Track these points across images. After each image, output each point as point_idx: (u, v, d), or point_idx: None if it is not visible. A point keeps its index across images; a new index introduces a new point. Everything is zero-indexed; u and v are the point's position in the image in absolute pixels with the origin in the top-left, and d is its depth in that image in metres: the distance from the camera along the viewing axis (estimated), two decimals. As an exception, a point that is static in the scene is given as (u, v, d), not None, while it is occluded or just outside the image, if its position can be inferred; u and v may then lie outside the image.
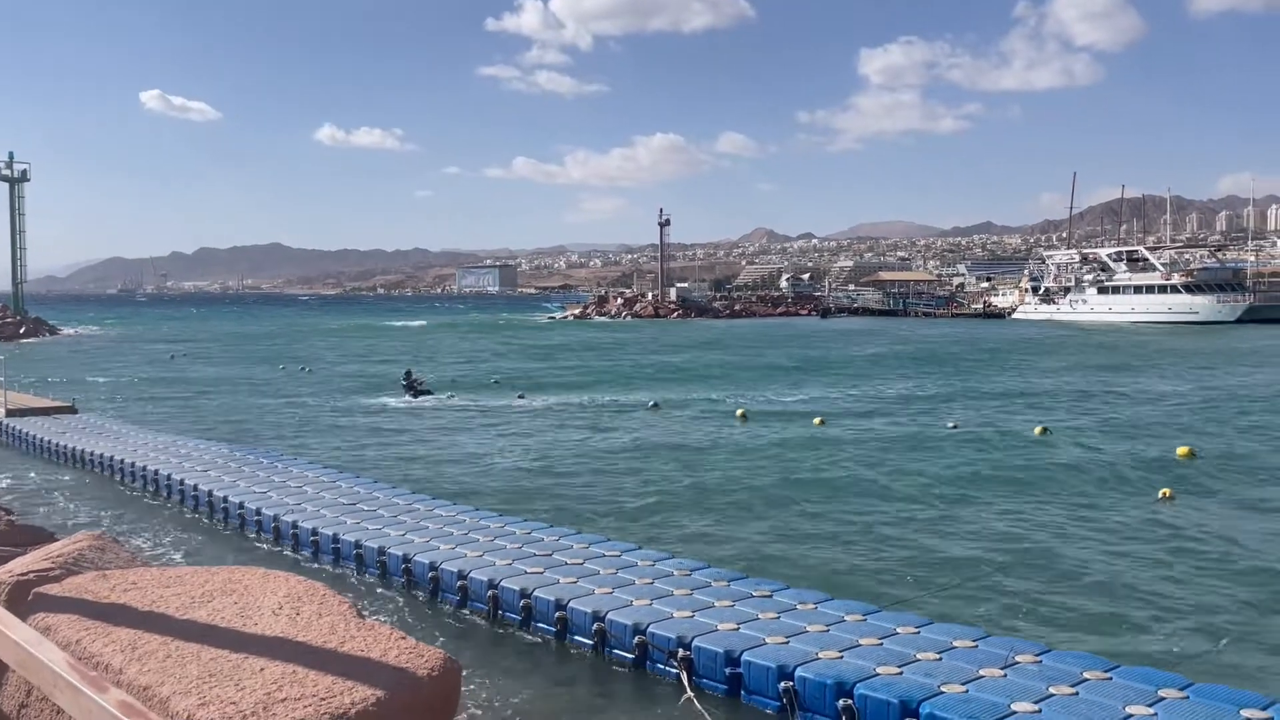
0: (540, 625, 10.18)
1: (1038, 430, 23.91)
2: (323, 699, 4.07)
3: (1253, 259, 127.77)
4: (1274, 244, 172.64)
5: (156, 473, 17.68)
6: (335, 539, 13.03)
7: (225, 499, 15.43)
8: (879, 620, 9.27)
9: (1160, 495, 17.04)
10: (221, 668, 4.38)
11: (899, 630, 8.92)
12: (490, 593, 10.70)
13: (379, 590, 11.89)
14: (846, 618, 9.29)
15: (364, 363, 50.75)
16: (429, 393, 35.02)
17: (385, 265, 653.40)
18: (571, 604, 9.90)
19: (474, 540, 12.42)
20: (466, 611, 10.97)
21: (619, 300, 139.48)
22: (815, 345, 64.93)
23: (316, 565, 12.74)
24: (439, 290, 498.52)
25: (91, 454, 20.08)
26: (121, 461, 18.91)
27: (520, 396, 33.89)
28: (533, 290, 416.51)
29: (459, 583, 11.14)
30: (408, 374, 36.39)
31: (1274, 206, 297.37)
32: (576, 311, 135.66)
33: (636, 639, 9.13)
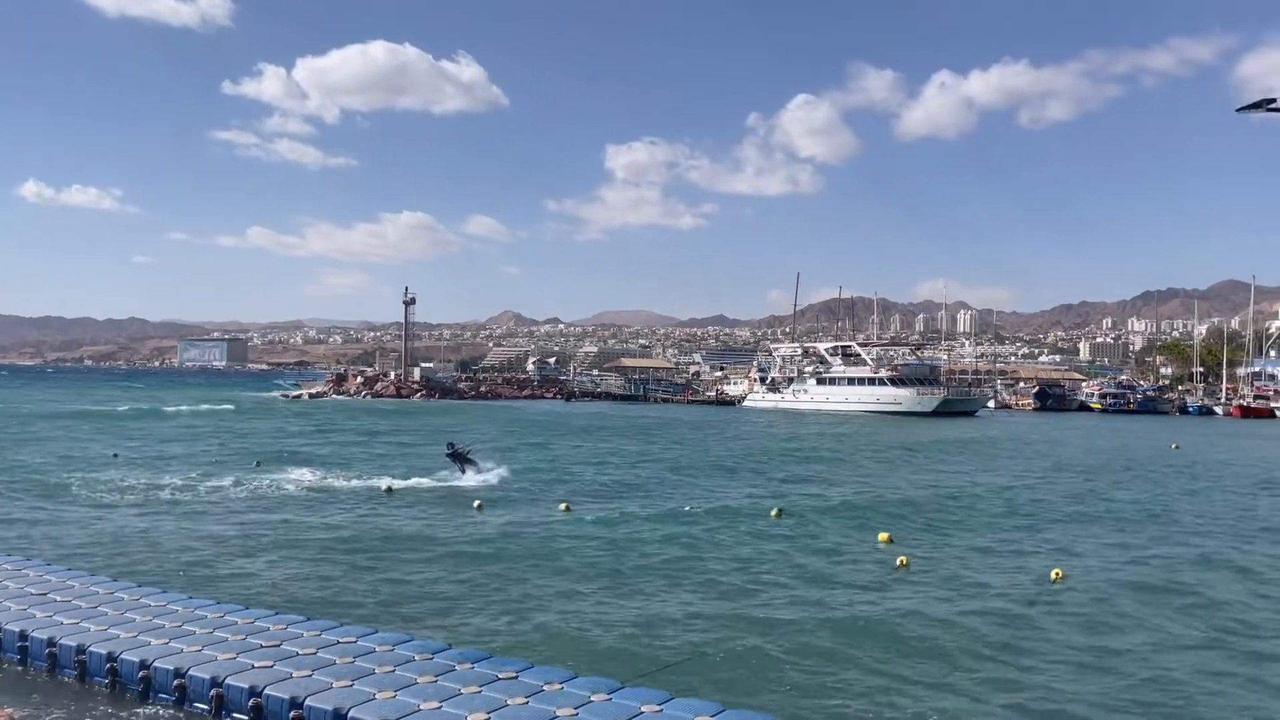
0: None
1: (774, 513, 25.23)
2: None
3: (945, 357, 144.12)
4: (962, 344, 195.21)
5: None
6: (23, 636, 11.45)
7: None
8: (623, 698, 9.35)
9: (898, 563, 18.81)
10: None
11: (644, 709, 9.03)
12: (214, 691, 9.83)
13: (78, 696, 10.58)
14: (593, 697, 9.31)
15: (67, 439, 45.59)
16: (473, 464, 31.87)
17: (95, 335, 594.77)
18: (308, 701, 9.27)
19: (190, 633, 11.38)
20: (182, 716, 9.99)
21: (359, 379, 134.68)
22: (555, 430, 65.50)
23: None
24: (158, 363, 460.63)
25: None
26: None
27: (258, 464, 31.55)
28: (265, 366, 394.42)
29: (175, 681, 10.14)
30: (450, 445, 33.01)
31: (962, 311, 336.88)
32: (313, 390, 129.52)
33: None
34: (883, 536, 22.10)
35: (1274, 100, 10.57)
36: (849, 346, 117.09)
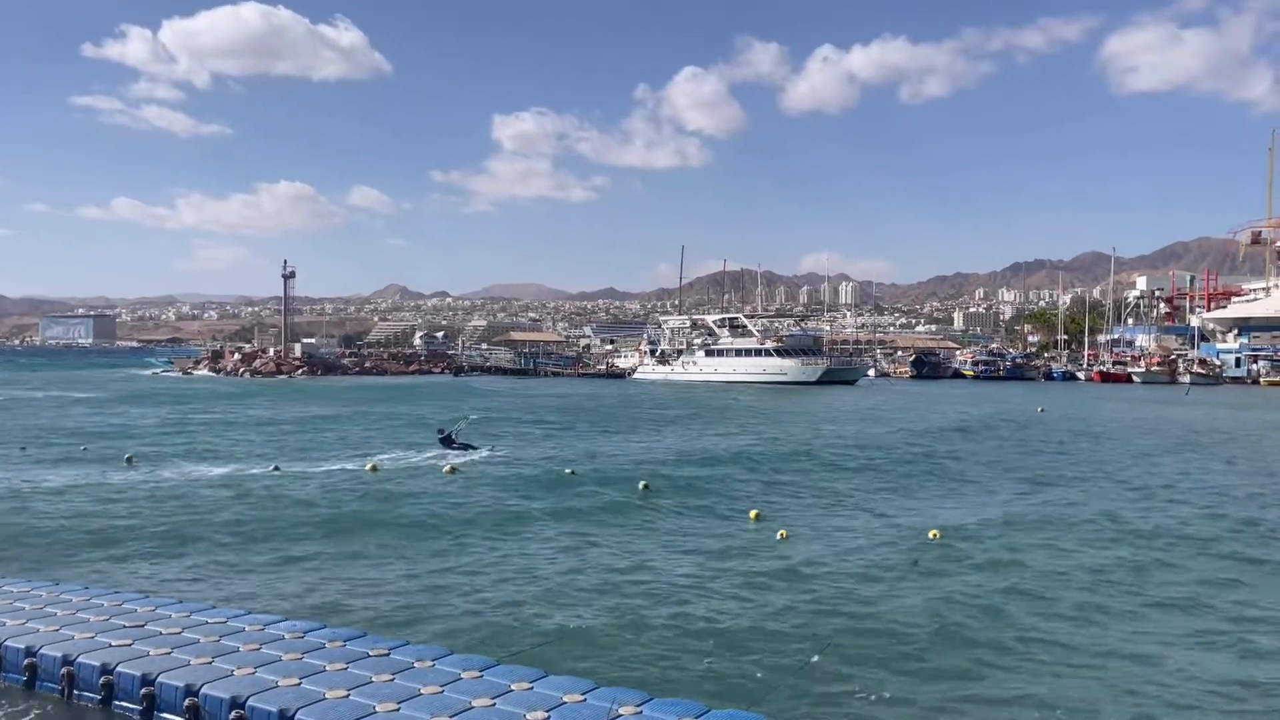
0: (122, 704, 9.23)
1: (641, 485, 24.89)
2: None
3: (828, 328, 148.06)
4: (844, 315, 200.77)
5: None
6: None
7: None
8: (495, 676, 9.30)
9: (780, 536, 18.92)
10: None
11: (514, 687, 9.01)
12: (65, 670, 9.54)
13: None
14: (463, 675, 9.27)
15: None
16: (467, 446, 32.45)
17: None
18: (161, 678, 9.03)
19: (51, 614, 11.02)
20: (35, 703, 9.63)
21: (237, 356, 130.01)
22: (439, 401, 64.76)
23: None
24: (18, 341, 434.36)
25: None
26: None
27: (129, 459, 30.13)
28: (135, 343, 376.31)
29: (26, 660, 9.87)
30: (440, 430, 33.94)
31: (844, 283, 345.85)
32: (188, 368, 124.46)
33: (234, 714, 8.48)
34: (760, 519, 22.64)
35: None
36: (736, 318, 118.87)
